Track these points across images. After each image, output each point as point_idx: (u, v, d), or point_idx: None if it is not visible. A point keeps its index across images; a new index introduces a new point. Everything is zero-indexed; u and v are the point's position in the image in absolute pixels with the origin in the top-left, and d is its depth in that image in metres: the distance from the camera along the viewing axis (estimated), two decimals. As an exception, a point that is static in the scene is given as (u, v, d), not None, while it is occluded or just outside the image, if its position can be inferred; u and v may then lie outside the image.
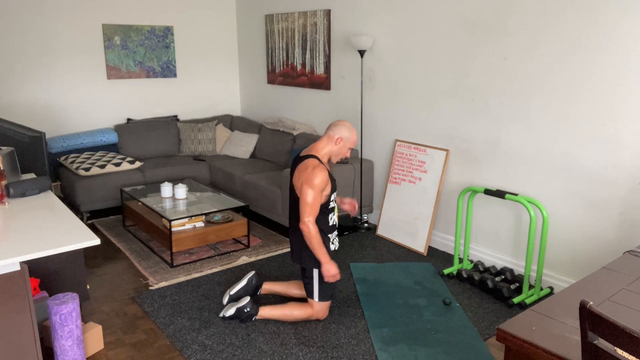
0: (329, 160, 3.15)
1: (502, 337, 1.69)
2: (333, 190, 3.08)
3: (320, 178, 2.92)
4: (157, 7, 5.82)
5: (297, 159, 3.07)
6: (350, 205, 3.29)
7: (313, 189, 2.91)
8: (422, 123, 4.29)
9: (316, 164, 2.97)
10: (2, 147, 2.98)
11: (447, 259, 4.10)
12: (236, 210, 4.72)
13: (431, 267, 3.93)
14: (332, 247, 3.15)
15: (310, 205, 2.93)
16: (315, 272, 3.08)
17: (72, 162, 4.93)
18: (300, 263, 3.11)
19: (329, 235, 3.13)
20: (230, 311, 3.14)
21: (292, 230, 3.16)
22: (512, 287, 3.49)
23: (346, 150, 3.12)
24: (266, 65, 6.02)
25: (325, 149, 3.07)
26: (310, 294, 3.14)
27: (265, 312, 3.12)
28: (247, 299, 3.15)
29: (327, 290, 3.13)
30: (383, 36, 4.49)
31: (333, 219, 3.15)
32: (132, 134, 5.58)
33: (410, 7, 4.20)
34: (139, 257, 4.12)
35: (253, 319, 3.14)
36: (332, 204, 3.10)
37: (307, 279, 3.12)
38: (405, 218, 4.34)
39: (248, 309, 3.11)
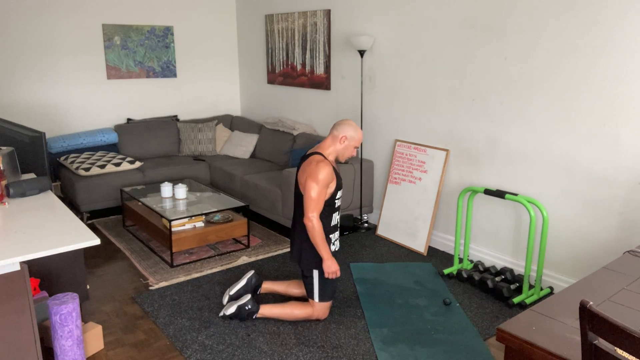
0: (337, 160, 3.13)
1: (502, 337, 1.69)
2: (339, 188, 3.06)
3: (324, 173, 2.90)
4: (157, 7, 5.82)
5: (304, 158, 3.07)
6: None
7: (317, 183, 2.90)
8: (422, 123, 4.29)
9: (320, 159, 2.96)
10: (2, 147, 2.98)
11: (447, 259, 4.10)
12: (236, 210, 4.72)
13: (431, 267, 3.93)
14: (333, 247, 3.14)
15: (315, 200, 2.92)
16: (315, 272, 3.08)
17: (72, 162, 4.93)
18: (299, 263, 3.11)
19: (330, 235, 3.11)
20: (231, 309, 3.13)
21: (293, 229, 3.15)
22: (512, 287, 3.49)
23: (352, 150, 3.08)
24: (266, 65, 6.02)
25: (330, 148, 3.06)
26: (310, 294, 3.14)
27: (266, 310, 3.12)
28: (248, 297, 3.15)
29: (328, 291, 3.13)
30: (383, 36, 4.48)
31: (336, 218, 3.14)
32: (132, 134, 5.58)
33: (410, 8, 4.20)
34: (139, 257, 4.11)
35: (254, 316, 3.14)
36: (337, 203, 3.09)
37: (307, 278, 3.12)
38: (405, 218, 4.34)
39: (249, 307, 3.11)
